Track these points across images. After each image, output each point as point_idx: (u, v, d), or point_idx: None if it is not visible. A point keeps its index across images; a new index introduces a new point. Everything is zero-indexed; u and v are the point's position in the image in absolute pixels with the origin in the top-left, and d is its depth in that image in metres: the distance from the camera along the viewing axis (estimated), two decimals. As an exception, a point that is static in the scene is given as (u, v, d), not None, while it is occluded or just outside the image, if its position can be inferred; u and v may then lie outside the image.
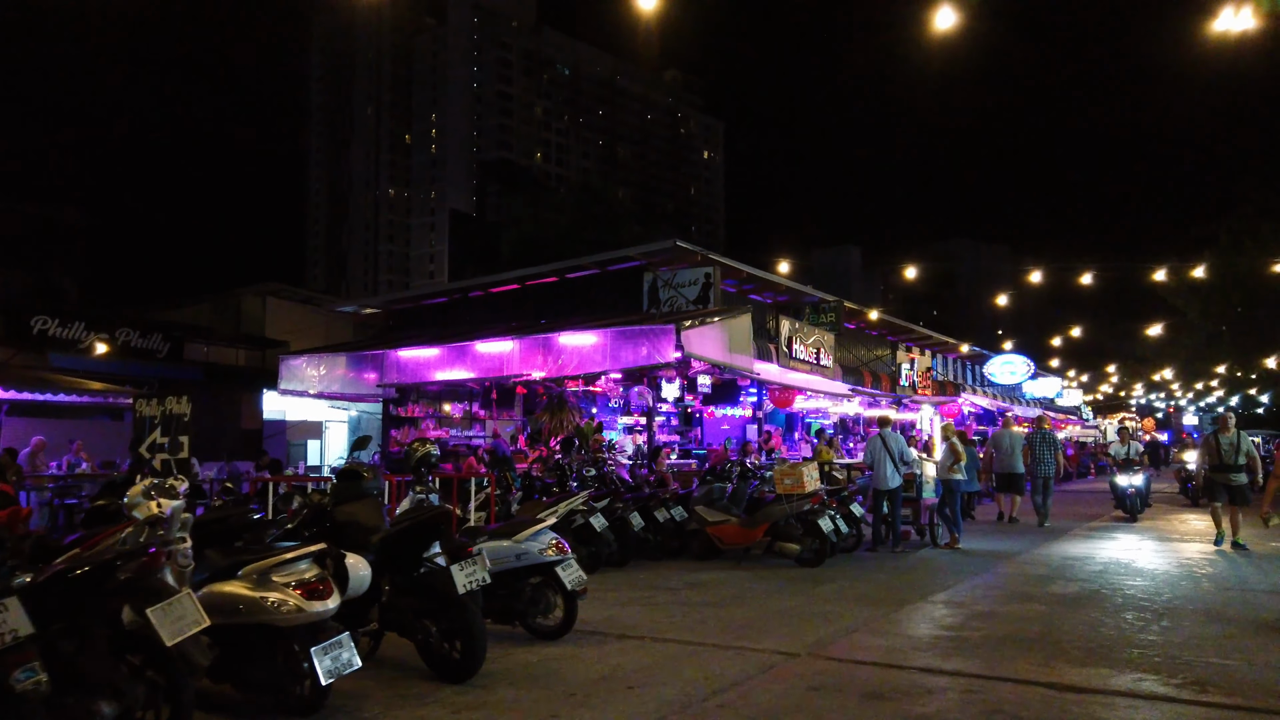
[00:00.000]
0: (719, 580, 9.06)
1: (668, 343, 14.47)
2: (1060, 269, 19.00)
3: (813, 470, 10.05)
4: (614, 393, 18.88)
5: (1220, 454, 11.31)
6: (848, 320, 25.22)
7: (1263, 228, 20.70)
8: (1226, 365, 30.98)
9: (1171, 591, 8.25)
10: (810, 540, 9.92)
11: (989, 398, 30.97)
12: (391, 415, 20.16)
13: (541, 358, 15.79)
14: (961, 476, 11.66)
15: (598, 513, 9.63)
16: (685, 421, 22.54)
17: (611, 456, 13.40)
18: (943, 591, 8.30)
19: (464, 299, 20.28)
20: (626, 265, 18.00)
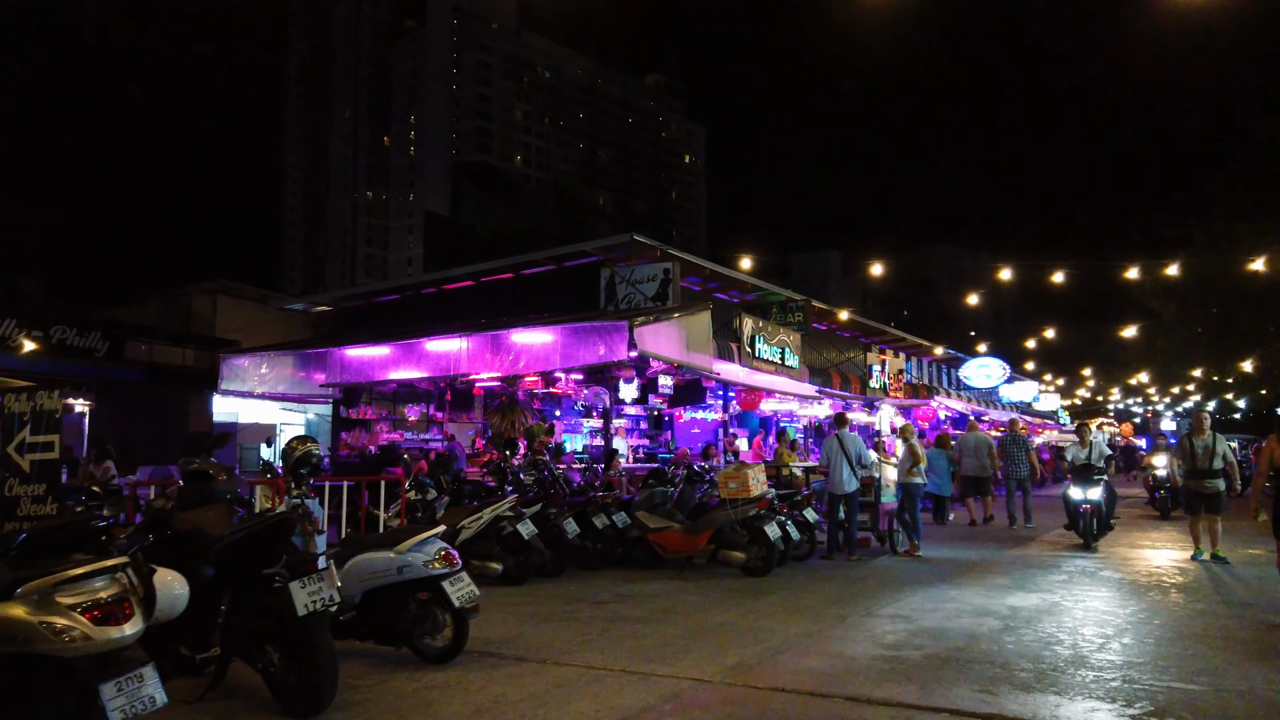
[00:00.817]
0: (654, 592, 8.37)
1: (621, 341, 13.82)
2: (1032, 267, 18.48)
3: (759, 473, 9.38)
4: (576, 394, 18.20)
5: (1194, 458, 10.22)
6: (818, 321, 24.66)
7: (1238, 227, 20.30)
8: (1203, 369, 30.65)
9: (1137, 603, 7.63)
10: (756, 548, 9.25)
11: (963, 401, 30.50)
12: (341, 417, 19.37)
13: (492, 357, 15.10)
14: (921, 480, 11.03)
15: (526, 519, 8.92)
16: (655, 424, 21.89)
17: (556, 459, 12.69)
18: (891, 604, 7.64)
19: (417, 296, 19.52)
20: (584, 261, 17.31)
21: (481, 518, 8.81)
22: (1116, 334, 26.13)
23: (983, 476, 15.85)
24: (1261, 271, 20.10)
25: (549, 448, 13.25)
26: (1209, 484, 10.18)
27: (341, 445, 19.21)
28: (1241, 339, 25.77)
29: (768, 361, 18.01)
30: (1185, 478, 10.41)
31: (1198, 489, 10.24)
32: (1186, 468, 10.33)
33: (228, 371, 18.17)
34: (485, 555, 8.81)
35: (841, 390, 21.51)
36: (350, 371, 17.34)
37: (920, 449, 11.09)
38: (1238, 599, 7.85)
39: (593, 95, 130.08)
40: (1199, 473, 10.23)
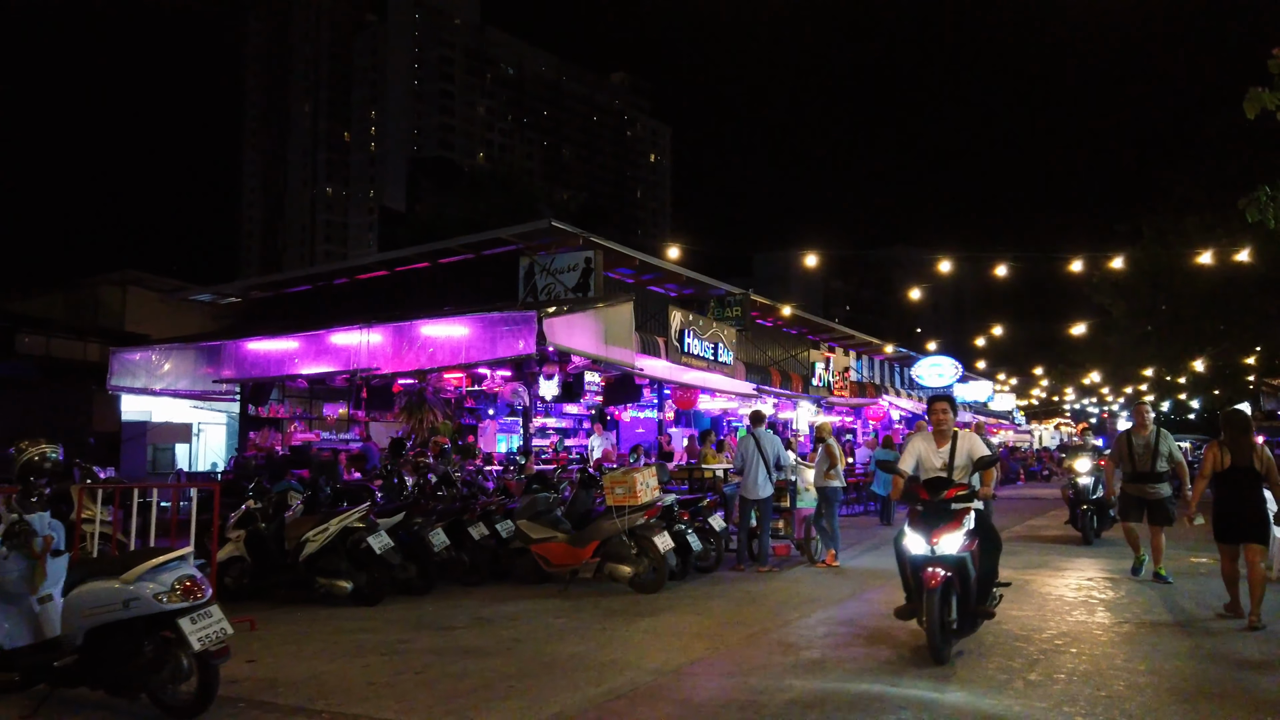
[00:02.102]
0: (519, 614, 7.33)
1: (529, 333, 12.80)
2: (975, 258, 17.73)
3: (649, 478, 8.38)
4: (504, 391, 17.15)
5: (1133, 459, 8.59)
6: (762, 317, 23.80)
7: (1186, 221, 19.74)
8: (1155, 368, 30.28)
9: (1058, 625, 6.74)
10: (646, 561, 8.25)
11: (915, 400, 29.84)
12: (250, 416, 18.10)
13: (402, 350, 14.01)
14: (839, 483, 10.09)
15: (380, 530, 7.83)
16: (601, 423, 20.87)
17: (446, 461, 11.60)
18: (783, 627, 6.68)
19: (329, 286, 18.31)
20: (502, 250, 16.23)
21: (328, 529, 7.73)
22: (1068, 332, 25.58)
23: None
24: (1210, 266, 19.55)
25: (444, 449, 12.14)
26: (1151, 489, 8.52)
27: (249, 446, 17.96)
28: (1192, 338, 25.32)
29: (698, 358, 17.07)
30: (1124, 482, 8.79)
31: (1138, 495, 8.61)
32: (1125, 471, 8.73)
33: (118, 367, 16.89)
34: (333, 572, 7.73)
35: (782, 388, 20.63)
36: (253, 366, 16.16)
37: (838, 449, 10.16)
38: (1171, 619, 6.99)
39: (557, 93, 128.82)
40: (1139, 476, 8.57)
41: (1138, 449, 8.67)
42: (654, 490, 8.37)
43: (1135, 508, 8.72)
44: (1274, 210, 8.82)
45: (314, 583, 7.74)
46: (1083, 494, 12.15)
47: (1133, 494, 8.73)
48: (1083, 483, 12.10)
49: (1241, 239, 17.70)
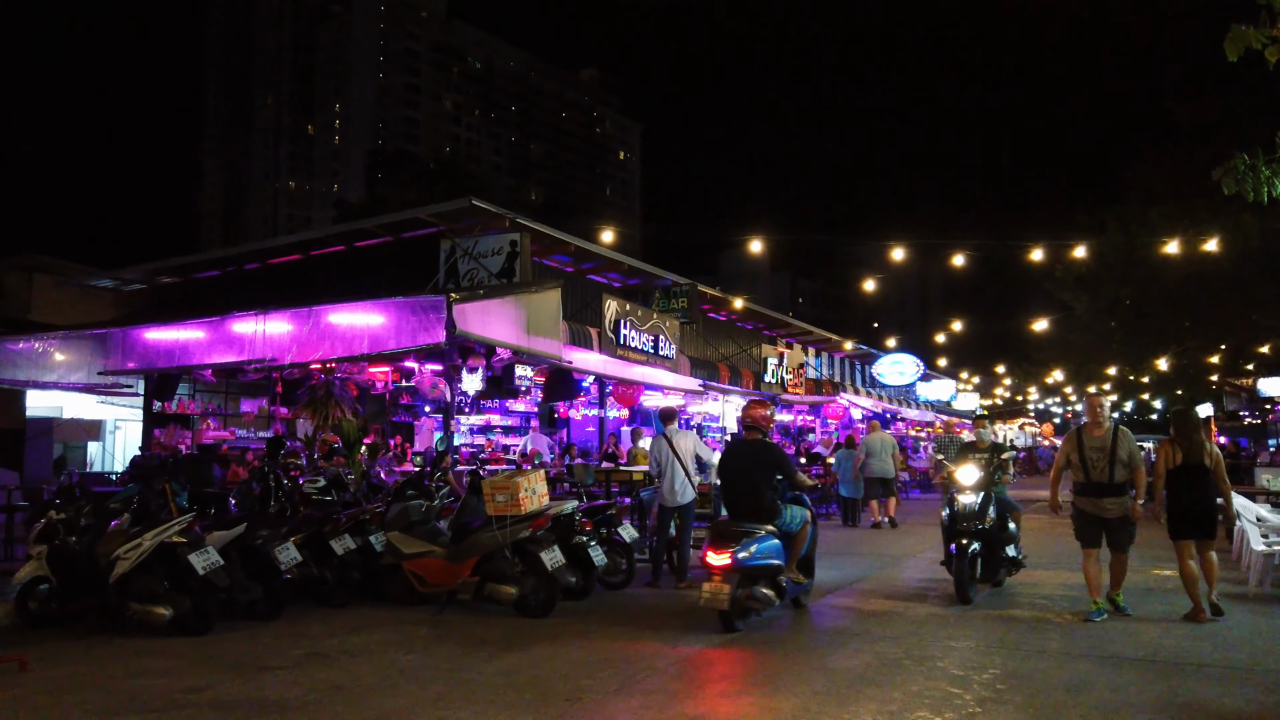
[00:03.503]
0: (365, 648, 6.10)
1: (438, 321, 11.59)
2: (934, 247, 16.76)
3: (536, 482, 7.16)
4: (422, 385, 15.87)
5: (1086, 465, 6.97)
6: (716, 311, 22.70)
7: (1151, 212, 18.94)
8: (1118, 367, 29.65)
9: (1004, 663, 5.62)
10: (532, 580, 7.04)
11: (874, 399, 28.92)
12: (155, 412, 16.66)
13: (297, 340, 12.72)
14: (768, 489, 8.93)
15: (206, 547, 6.55)
16: (549, 422, 19.67)
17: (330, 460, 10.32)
18: (665, 671, 5.51)
19: (239, 272, 16.90)
20: (423, 232, 14.96)
21: (141, 545, 6.43)
22: (1030, 328, 24.78)
23: (887, 477, 15.16)
24: (1175, 258, 18.77)
25: (334, 448, 10.86)
26: (1109, 505, 6.90)
27: (154, 444, 16.53)
28: (1156, 335, 24.62)
29: (636, 351, 15.90)
30: (1076, 494, 7.16)
31: (1094, 512, 6.98)
32: (1076, 480, 7.14)
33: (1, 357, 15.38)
34: (148, 596, 6.43)
35: (730, 385, 19.53)
36: (155, 357, 14.80)
37: (770, 450, 9.00)
38: (1134, 654, 5.92)
39: (525, 88, 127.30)
40: (1093, 487, 6.94)
41: (1091, 452, 6.96)
42: (542, 497, 7.16)
43: (1092, 528, 6.99)
44: (1252, 180, 7.79)
45: (126, 609, 6.45)
46: (964, 519, 7.73)
47: (1087, 511, 7.02)
48: (965, 502, 7.79)
49: (1209, 229, 16.89)
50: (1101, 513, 6.95)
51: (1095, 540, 7.03)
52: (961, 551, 7.58)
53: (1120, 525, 6.96)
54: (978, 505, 7.79)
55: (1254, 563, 7.93)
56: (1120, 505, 6.91)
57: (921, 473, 24.82)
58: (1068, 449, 7.24)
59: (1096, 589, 6.95)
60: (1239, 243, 17.43)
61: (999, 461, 8.18)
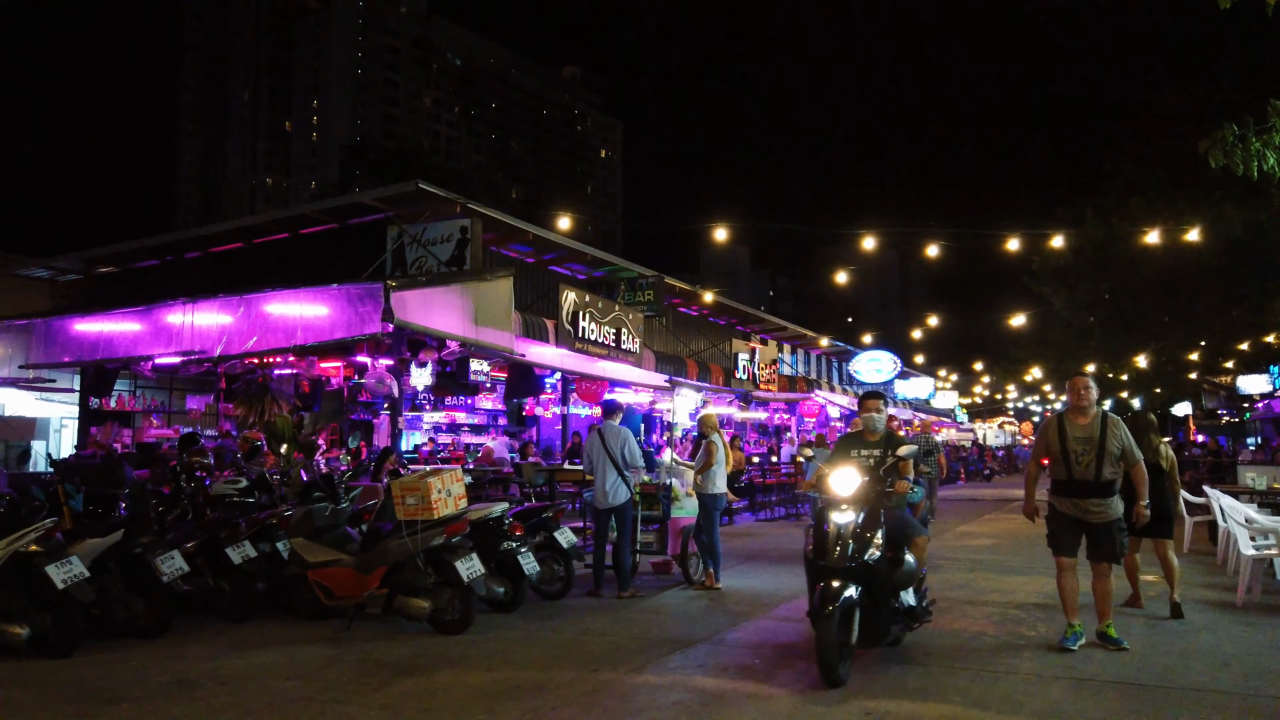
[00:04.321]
0: (243, 672, 5.34)
1: (375, 310, 10.82)
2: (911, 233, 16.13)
3: (452, 483, 6.41)
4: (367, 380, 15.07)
5: (1067, 458, 5.80)
6: (687, 306, 22.01)
7: (1131, 203, 18.42)
8: (1097, 364, 29.18)
9: (968, 685, 4.93)
10: (448, 592, 6.29)
11: (851, 396, 28.31)
12: (91, 409, 15.76)
13: (226, 331, 11.91)
14: (718, 490, 8.22)
15: (69, 557, 5.75)
16: (518, 420, 18.92)
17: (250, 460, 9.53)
18: (600, 693, 4.78)
19: (180, 260, 16.02)
20: (370, 219, 14.17)
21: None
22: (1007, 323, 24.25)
23: None
24: (1155, 251, 18.27)
25: (256, 446, 10.07)
26: (1095, 507, 5.74)
27: (89, 442, 15.64)
28: (1135, 331, 24.14)
29: (596, 344, 15.17)
30: (1054, 494, 5.99)
31: (1076, 515, 5.83)
32: (1057, 477, 5.94)
33: (-84, 351, 14.44)
34: (3, 613, 5.64)
35: (699, 380, 18.83)
36: (90, 350, 13.93)
37: (722, 447, 8.30)
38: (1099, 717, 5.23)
39: (506, 85, 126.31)
40: (1076, 486, 5.79)
41: (1075, 444, 5.79)
42: (459, 500, 6.41)
43: (1070, 534, 5.88)
44: (1242, 153, 7.17)
45: (-25, 627, 5.64)
46: (834, 550, 5.17)
47: (1067, 514, 5.88)
48: (839, 523, 5.25)
49: (1190, 220, 16.35)
50: (1084, 516, 5.79)
51: (1072, 548, 5.88)
52: (829, 600, 4.89)
53: (1105, 532, 5.77)
54: (857, 528, 5.14)
55: (1243, 569, 7.30)
56: (1107, 508, 5.75)
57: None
58: (1047, 438, 5.99)
59: (1073, 608, 5.82)
60: (1221, 235, 16.91)
61: (894, 461, 5.54)
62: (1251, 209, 16.53)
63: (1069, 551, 5.91)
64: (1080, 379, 6.04)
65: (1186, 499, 11.17)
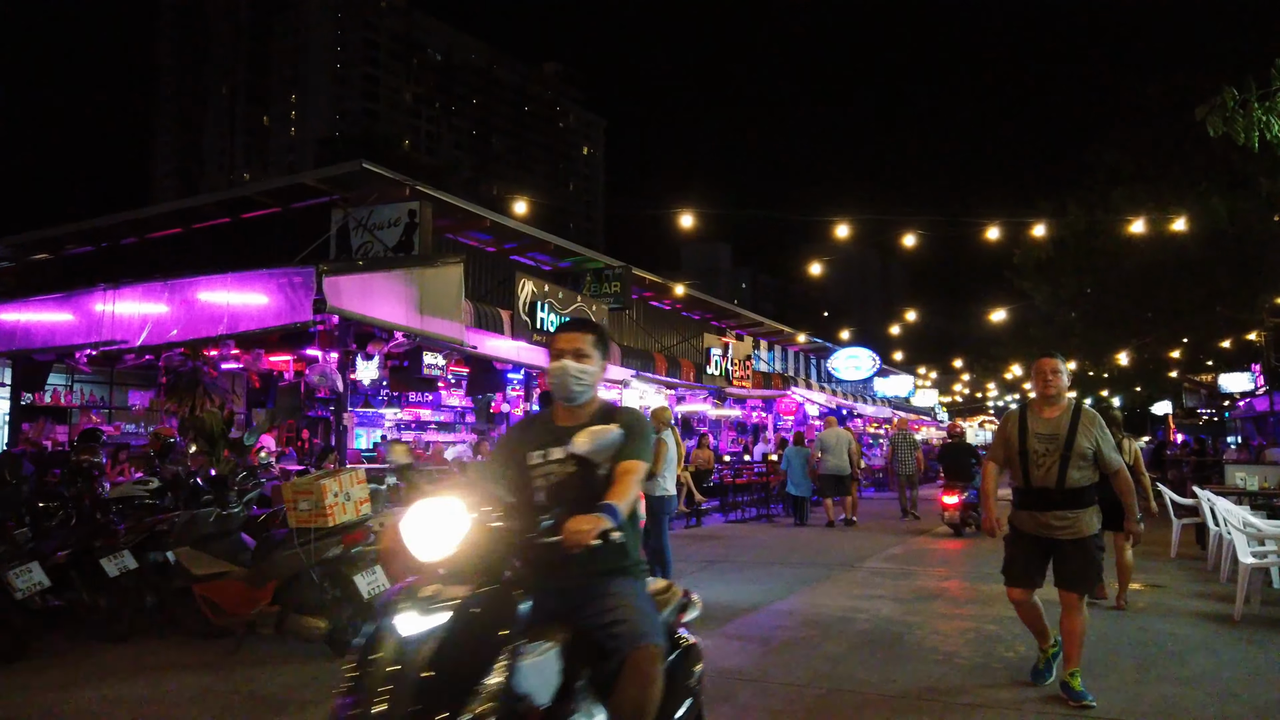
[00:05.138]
0: (84, 710, 4.54)
1: (306, 296, 10.02)
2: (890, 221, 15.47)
3: (351, 485, 5.62)
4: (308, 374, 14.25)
5: (1027, 461, 4.62)
6: (658, 299, 21.28)
7: (1114, 192, 17.81)
8: (1077, 361, 28.67)
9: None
10: (349, 609, 5.50)
11: (828, 394, 27.67)
12: (23, 404, 14.82)
13: (156, 319, 11.07)
14: (666, 492, 7.45)
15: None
16: (486, 418, 18.12)
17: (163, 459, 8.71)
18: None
19: (115, 247, 15.12)
20: (315, 202, 13.34)
21: None
22: (988, 319, 23.67)
23: (842, 474, 14.51)
24: (1138, 243, 17.67)
25: (169, 443, 9.24)
26: (1060, 521, 4.52)
27: (20, 440, 14.71)
28: (1117, 328, 23.58)
29: (557, 336, 14.40)
30: (1016, 505, 4.74)
31: (1035, 532, 4.62)
32: (1016, 484, 4.74)
33: None
34: None
35: (668, 376, 18.10)
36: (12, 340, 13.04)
37: (673, 445, 7.54)
38: None
39: (487, 81, 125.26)
40: (1036, 496, 4.59)
41: (1036, 442, 4.58)
42: (360, 504, 5.62)
43: (1028, 558, 4.63)
44: (1243, 121, 6.50)
45: None
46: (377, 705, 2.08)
47: (1027, 532, 4.64)
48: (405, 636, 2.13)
49: (1175, 211, 15.76)
50: (1047, 533, 4.54)
51: (1029, 577, 4.62)
52: None
53: (1076, 553, 4.48)
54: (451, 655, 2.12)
55: (1241, 578, 6.63)
56: (1077, 523, 4.48)
57: (876, 470, 23.90)
58: (1005, 433, 4.77)
59: (1044, 630, 4.74)
60: (1206, 226, 16.32)
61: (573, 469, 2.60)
62: (1238, 199, 15.94)
63: (1022, 581, 4.63)
64: (1048, 360, 4.73)
65: (1174, 500, 10.56)
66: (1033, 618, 4.76)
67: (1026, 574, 4.65)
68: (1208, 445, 22.70)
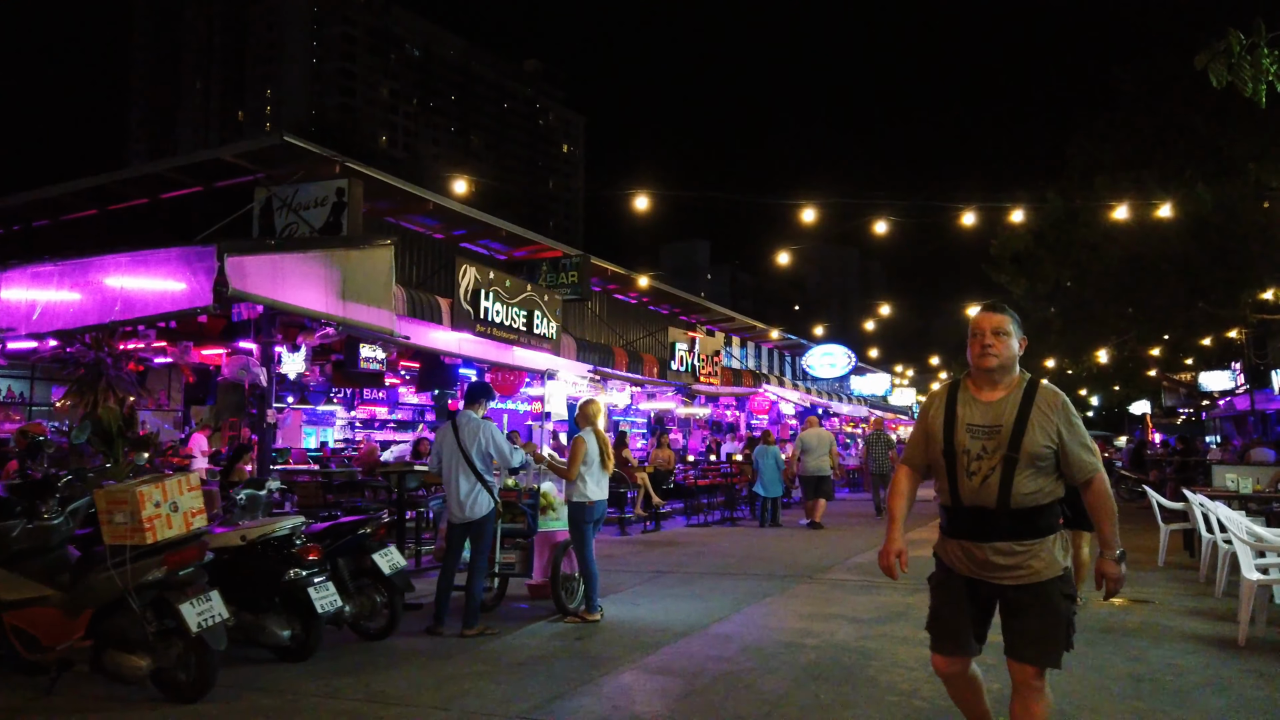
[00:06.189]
0: None
1: (206, 278, 8.99)
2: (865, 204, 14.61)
3: (181, 493, 4.62)
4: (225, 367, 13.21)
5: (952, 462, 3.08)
6: (624, 292, 20.30)
7: (1095, 181, 17.05)
8: (1055, 359, 28.02)
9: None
10: (179, 644, 4.51)
11: (803, 392, 26.83)
12: (-74, 401, 13.66)
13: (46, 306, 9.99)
14: (588, 498, 6.48)
15: None
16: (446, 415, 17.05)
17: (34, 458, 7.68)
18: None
19: (26, 230, 13.97)
20: (239, 181, 12.27)
21: None
22: (965, 315, 22.89)
23: (823, 475, 14.08)
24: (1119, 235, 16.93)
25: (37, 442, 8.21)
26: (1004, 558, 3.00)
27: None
28: (1096, 324, 22.89)
29: (504, 328, 13.40)
30: (943, 532, 3.19)
31: (968, 571, 3.09)
32: (940, 500, 3.18)
33: None
34: None
35: (629, 371, 17.15)
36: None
37: (595, 443, 6.56)
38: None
39: (466, 77, 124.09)
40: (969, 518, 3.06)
41: (966, 437, 3.08)
42: (192, 516, 4.62)
43: (959, 610, 3.14)
44: (1251, 69, 5.63)
45: None
46: None
47: (958, 571, 3.13)
48: None
49: (1159, 197, 15.00)
50: (987, 575, 3.04)
51: (961, 639, 3.14)
52: None
53: (1032, 607, 2.99)
54: None
55: (1245, 596, 5.76)
56: (1031, 560, 2.98)
57: (851, 470, 23.21)
58: (925, 424, 3.23)
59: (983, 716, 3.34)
60: (1191, 215, 15.58)
61: None
62: (1228, 185, 15.22)
63: (951, 645, 3.13)
64: (989, 315, 3.17)
65: (1161, 504, 9.75)
66: (970, 701, 3.25)
67: (957, 636, 3.11)
68: (1193, 445, 21.97)
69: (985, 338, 3.13)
